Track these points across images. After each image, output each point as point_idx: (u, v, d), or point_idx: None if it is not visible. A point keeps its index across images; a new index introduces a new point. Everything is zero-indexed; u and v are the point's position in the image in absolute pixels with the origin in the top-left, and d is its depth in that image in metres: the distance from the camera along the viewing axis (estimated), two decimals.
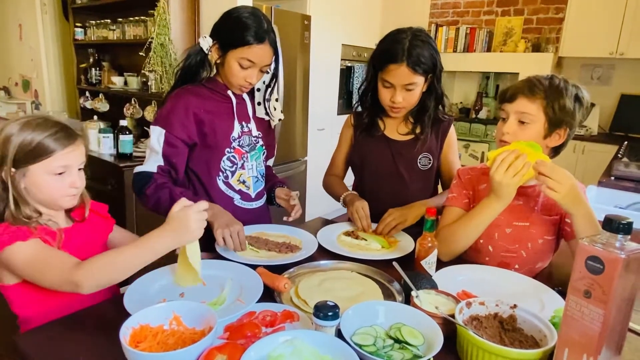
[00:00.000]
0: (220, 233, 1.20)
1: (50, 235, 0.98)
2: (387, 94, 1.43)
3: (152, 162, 1.33)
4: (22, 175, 0.97)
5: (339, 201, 1.57)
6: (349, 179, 1.72)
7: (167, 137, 1.32)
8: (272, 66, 1.40)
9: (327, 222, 1.61)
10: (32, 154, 0.96)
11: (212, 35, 1.35)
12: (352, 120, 1.63)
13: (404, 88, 1.39)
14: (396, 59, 1.36)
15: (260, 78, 1.38)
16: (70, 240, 1.04)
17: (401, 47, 1.35)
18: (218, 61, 1.35)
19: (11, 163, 0.95)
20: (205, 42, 1.35)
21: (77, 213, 1.11)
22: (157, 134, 1.32)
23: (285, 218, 1.45)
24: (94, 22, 3.55)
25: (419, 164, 1.54)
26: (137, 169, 1.35)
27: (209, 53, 1.36)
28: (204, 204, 0.96)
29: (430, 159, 1.54)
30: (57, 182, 0.99)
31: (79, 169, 1.04)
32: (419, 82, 1.40)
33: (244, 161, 1.44)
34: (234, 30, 1.28)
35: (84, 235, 1.09)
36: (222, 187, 1.42)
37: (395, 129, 1.56)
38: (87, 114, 3.63)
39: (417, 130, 1.52)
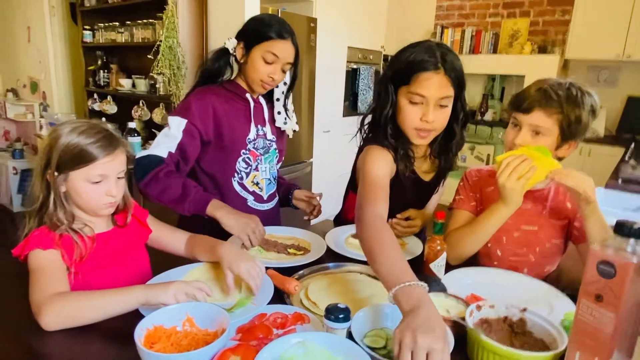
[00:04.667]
0: (246, 235, 1.23)
1: (71, 249, 0.98)
2: (416, 113, 1.16)
3: (163, 148, 1.31)
4: (63, 180, 0.98)
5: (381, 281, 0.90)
6: (345, 178, 1.57)
7: (188, 126, 1.32)
8: (288, 77, 1.44)
9: (334, 224, 1.61)
10: (73, 160, 0.96)
11: (238, 36, 1.40)
12: (392, 156, 1.24)
13: (437, 103, 1.15)
14: (431, 67, 1.12)
15: (282, 77, 1.41)
16: (105, 245, 1.05)
17: (433, 54, 1.13)
18: (242, 60, 1.39)
19: (55, 167, 0.96)
20: (231, 43, 1.39)
21: (120, 217, 1.11)
22: (176, 122, 1.32)
23: (305, 217, 1.50)
24: (102, 24, 3.58)
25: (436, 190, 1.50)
26: (142, 152, 1.32)
27: (234, 54, 1.40)
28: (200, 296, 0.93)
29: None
30: (94, 190, 0.99)
31: (118, 178, 1.03)
32: (451, 99, 1.18)
33: (258, 163, 1.47)
34: (259, 28, 1.35)
35: (121, 240, 1.09)
36: (237, 187, 1.45)
37: (419, 166, 1.34)
38: (95, 116, 3.66)
39: (443, 164, 1.36)
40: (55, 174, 0.97)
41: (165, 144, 1.31)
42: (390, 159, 1.23)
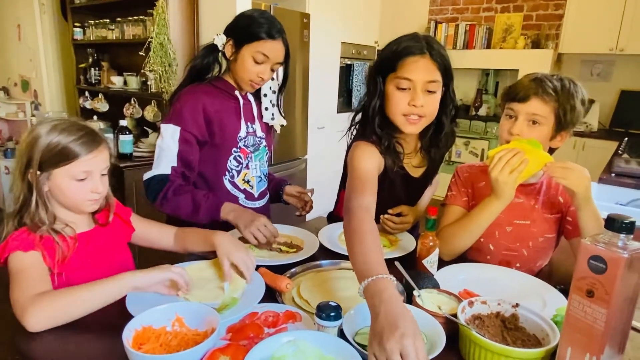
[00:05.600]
0: (249, 232, 1.22)
1: (52, 250, 0.96)
2: (403, 99, 1.16)
3: (165, 164, 1.31)
4: (46, 178, 0.97)
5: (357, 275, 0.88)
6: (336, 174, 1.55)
7: (183, 133, 1.31)
8: (280, 74, 1.43)
9: (328, 221, 1.61)
10: (56, 158, 0.95)
11: (227, 32, 1.37)
12: (379, 150, 1.23)
13: (424, 88, 1.15)
14: (417, 51, 1.13)
15: (271, 76, 1.40)
16: (87, 245, 1.04)
17: (419, 40, 1.15)
18: (231, 58, 1.37)
19: (37, 166, 0.95)
20: (220, 40, 1.37)
21: (101, 216, 1.10)
22: (170, 132, 1.31)
23: (297, 213, 1.50)
24: (92, 21, 3.54)
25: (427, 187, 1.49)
26: (149, 174, 1.32)
27: (223, 50, 1.38)
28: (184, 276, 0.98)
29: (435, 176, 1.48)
30: (78, 187, 0.98)
31: (102, 175, 1.03)
32: (439, 85, 1.17)
33: (249, 161, 1.46)
34: (249, 26, 1.32)
35: (103, 239, 1.08)
36: (228, 186, 1.44)
37: (409, 161, 1.33)
38: (86, 114, 3.62)
39: (433, 156, 1.34)
40: (38, 172, 0.96)
41: (165, 160, 1.31)
42: (377, 153, 1.23)
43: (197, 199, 1.28)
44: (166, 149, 1.31)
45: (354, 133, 1.32)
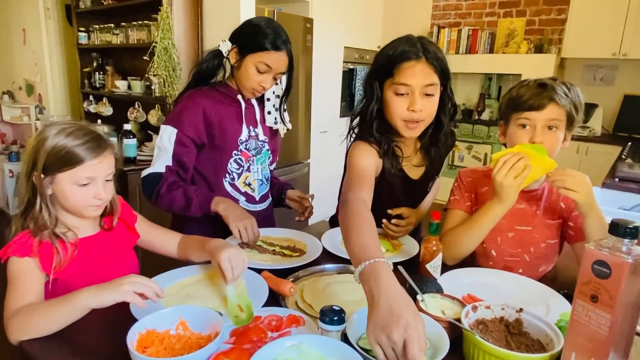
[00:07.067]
0: (236, 226, 1.24)
1: (50, 256, 0.96)
2: (402, 104, 1.16)
3: (160, 163, 1.35)
4: (50, 182, 0.96)
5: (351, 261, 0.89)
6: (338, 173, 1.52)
7: (179, 136, 1.34)
8: (284, 79, 1.45)
9: (330, 225, 1.61)
10: (60, 162, 0.95)
11: (232, 39, 1.39)
12: (378, 152, 1.24)
13: (422, 92, 1.15)
14: (413, 55, 1.14)
15: (273, 84, 1.41)
16: (89, 250, 1.03)
17: (414, 44, 1.16)
18: (235, 65, 1.39)
19: (41, 168, 0.95)
20: (225, 46, 1.39)
21: (107, 220, 1.09)
22: (168, 133, 1.35)
23: (297, 218, 1.50)
24: (97, 26, 3.58)
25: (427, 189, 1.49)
26: (145, 172, 1.36)
27: (227, 56, 1.39)
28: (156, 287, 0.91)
29: (435, 179, 1.48)
30: (81, 192, 0.98)
31: (107, 180, 1.02)
32: (437, 87, 1.17)
33: (250, 164, 1.47)
34: (254, 36, 1.34)
35: (107, 244, 1.08)
36: (228, 188, 1.45)
37: (408, 162, 1.33)
38: (91, 118, 3.64)
39: (433, 155, 1.34)
40: (42, 176, 0.96)
41: (161, 159, 1.35)
42: (375, 153, 1.24)
43: (188, 194, 1.31)
44: (163, 149, 1.36)
45: (353, 137, 1.33)
